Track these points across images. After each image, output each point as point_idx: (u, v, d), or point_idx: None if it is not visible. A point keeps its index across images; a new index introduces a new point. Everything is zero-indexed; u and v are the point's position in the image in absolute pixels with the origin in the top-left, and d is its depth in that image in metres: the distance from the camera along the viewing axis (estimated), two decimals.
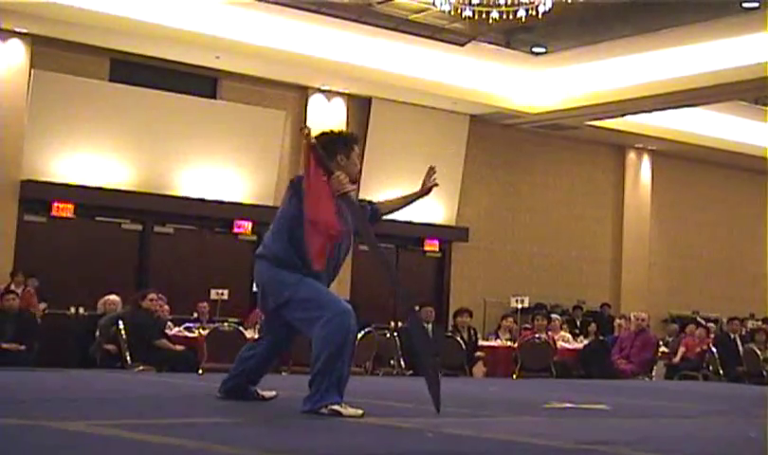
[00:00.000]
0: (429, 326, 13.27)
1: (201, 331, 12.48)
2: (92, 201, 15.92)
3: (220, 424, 5.20)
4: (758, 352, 15.23)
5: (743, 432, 5.99)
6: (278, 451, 3.93)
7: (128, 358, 11.27)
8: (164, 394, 7.47)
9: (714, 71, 16.57)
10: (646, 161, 22.14)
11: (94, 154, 16.03)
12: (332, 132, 6.22)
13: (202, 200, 16.81)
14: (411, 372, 12.38)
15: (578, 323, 18.39)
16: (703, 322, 18.10)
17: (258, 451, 3.91)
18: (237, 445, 4.11)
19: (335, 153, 5.93)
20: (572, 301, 20.09)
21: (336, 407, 5.56)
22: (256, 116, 17.28)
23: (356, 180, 6.03)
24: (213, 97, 17.33)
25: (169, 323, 13.13)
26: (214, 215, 17.14)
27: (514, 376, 13.15)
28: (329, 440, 4.61)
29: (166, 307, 12.68)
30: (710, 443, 5.32)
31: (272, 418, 5.61)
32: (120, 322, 11.51)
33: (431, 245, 19.10)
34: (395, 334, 13.28)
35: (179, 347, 11.90)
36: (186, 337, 12.42)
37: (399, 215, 7.28)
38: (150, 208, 16.48)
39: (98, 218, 16.29)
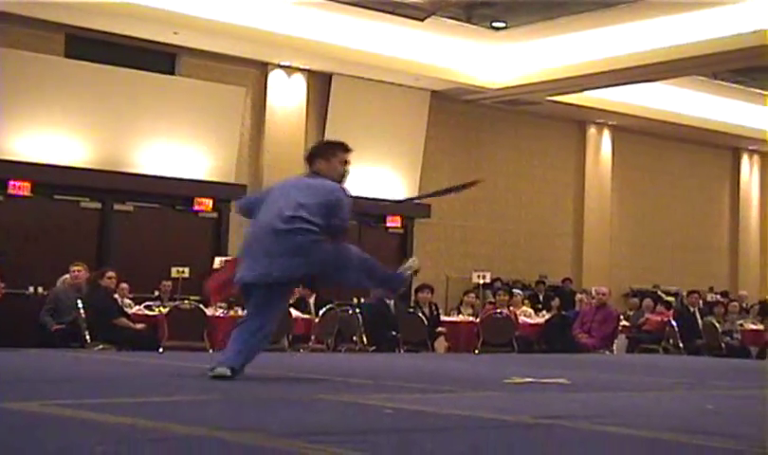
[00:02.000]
0: (392, 302, 13.27)
1: (161, 309, 12.39)
2: (49, 179, 15.73)
3: (176, 402, 5.15)
4: (717, 324, 15.37)
5: (701, 404, 6.02)
6: (233, 429, 3.89)
7: (87, 337, 11.16)
8: (122, 373, 7.40)
9: (671, 46, 16.62)
10: (606, 136, 22.22)
11: (51, 132, 15.83)
12: (316, 144, 7.23)
13: (162, 177, 16.66)
14: (373, 348, 12.38)
15: (541, 298, 18.47)
16: (663, 296, 18.23)
17: (213, 429, 3.87)
18: (192, 423, 4.07)
19: (314, 160, 6.76)
20: (534, 277, 20.17)
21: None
22: (216, 92, 17.13)
23: (340, 180, 6.67)
24: (172, 73, 17.16)
25: (129, 302, 13.05)
26: (175, 193, 17.00)
27: (476, 351, 13.18)
28: (286, 417, 4.57)
29: (124, 285, 12.58)
30: (667, 415, 5.34)
31: (230, 396, 5.57)
32: (79, 301, 11.40)
33: (394, 222, 19.07)
34: (358, 310, 13.25)
35: (139, 325, 11.82)
36: (146, 316, 12.33)
37: (361, 192, 7.40)
38: (109, 186, 16.30)
39: (56, 196, 16.11)
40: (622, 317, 15.59)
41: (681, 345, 14.86)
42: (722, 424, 4.88)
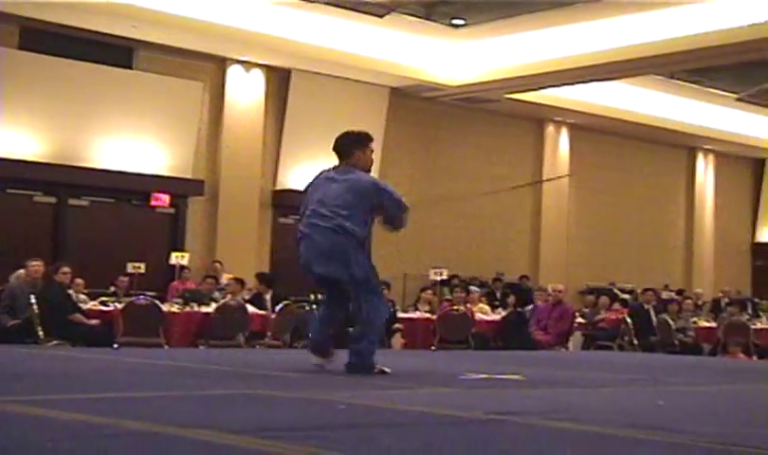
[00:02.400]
0: None
1: (117, 305, 12.30)
2: (2, 173, 15.60)
3: (130, 398, 5.13)
4: (671, 322, 15.52)
5: (652, 400, 6.08)
6: (187, 425, 3.88)
7: (41, 333, 11.05)
8: (76, 369, 7.35)
9: (629, 45, 16.76)
10: (564, 135, 22.36)
11: (4, 125, 15.68)
12: (350, 133, 7.49)
13: (118, 172, 16.55)
14: None
15: (498, 295, 18.53)
16: (618, 293, 18.37)
17: (167, 426, 3.86)
18: (146, 419, 4.05)
19: (353, 150, 7.29)
20: (491, 274, 20.25)
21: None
22: (173, 87, 17.05)
23: (369, 169, 7.35)
24: (129, 67, 17.04)
25: (84, 297, 12.94)
26: (131, 188, 16.90)
27: (432, 348, 13.21)
28: (241, 414, 4.57)
29: (78, 281, 12.47)
30: (620, 410, 5.39)
31: (185, 393, 5.55)
32: (32, 296, 11.28)
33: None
34: (314, 306, 13.22)
35: (94, 321, 11.72)
36: (101, 311, 12.23)
37: None
38: (64, 180, 16.18)
39: (8, 190, 15.96)
40: (578, 314, 15.70)
41: (635, 342, 14.99)
42: (671, 419, 4.93)
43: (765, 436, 4.40)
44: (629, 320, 15.26)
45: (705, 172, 25.20)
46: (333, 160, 7.31)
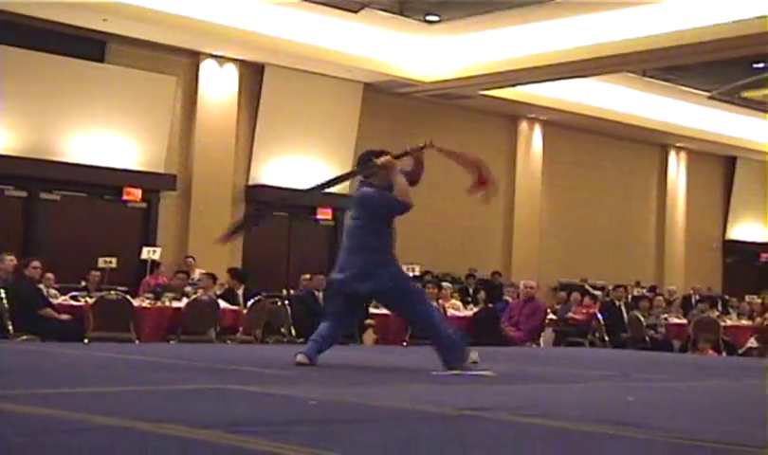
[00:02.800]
0: (321, 294, 13.26)
1: (87, 300, 12.23)
2: None
3: (98, 393, 5.11)
4: (642, 318, 15.62)
5: (623, 396, 6.12)
6: (153, 420, 3.87)
7: (10, 328, 10.98)
8: (46, 364, 7.31)
9: (603, 43, 16.82)
10: (537, 131, 22.43)
11: None
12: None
13: (90, 166, 16.45)
14: (301, 340, 12.35)
15: (471, 291, 18.57)
16: (590, 290, 18.44)
17: (132, 420, 3.84)
18: (112, 414, 4.04)
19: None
20: (464, 270, 20.28)
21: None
22: (146, 81, 16.95)
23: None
24: (101, 60, 16.92)
25: (54, 292, 12.85)
26: (103, 182, 16.80)
27: (404, 344, 13.22)
28: (208, 408, 4.56)
29: (49, 276, 12.39)
30: (590, 406, 5.42)
31: (154, 388, 5.54)
32: (2, 291, 11.21)
33: (325, 214, 19.02)
34: (286, 302, 13.22)
35: (64, 316, 11.65)
36: (72, 306, 12.16)
37: (289, 184, 7.67)
38: (35, 174, 16.06)
39: None
40: (550, 310, 15.76)
41: (606, 338, 15.07)
42: (639, 415, 4.97)
43: (732, 432, 4.44)
44: (600, 317, 15.34)
45: (677, 169, 25.34)
46: (305, 155, 7.28)
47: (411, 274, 15.42)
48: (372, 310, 13.57)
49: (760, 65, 19.66)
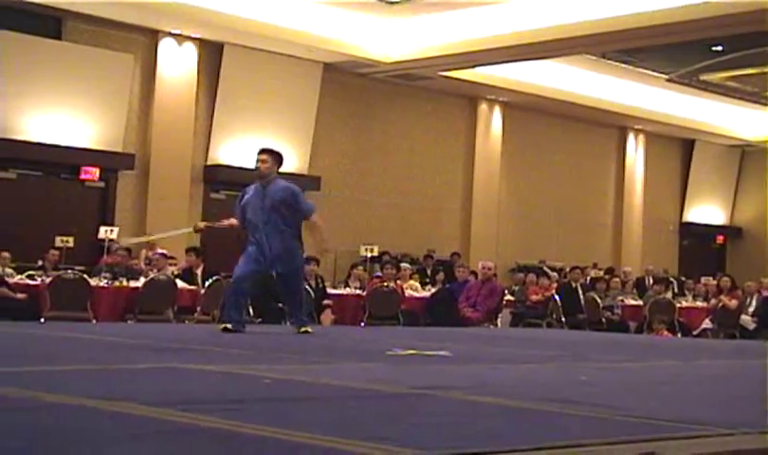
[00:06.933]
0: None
1: (44, 279, 12.15)
2: None
3: (50, 372, 5.09)
4: (598, 300, 15.75)
5: (575, 376, 6.19)
6: (104, 398, 3.86)
7: None
8: (0, 343, 7.26)
9: (562, 24, 16.85)
10: (497, 113, 22.48)
11: None
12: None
13: (47, 145, 16.29)
14: (259, 320, 12.35)
15: (429, 272, 18.62)
16: (548, 272, 18.55)
17: (84, 398, 3.84)
18: (64, 392, 4.03)
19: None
20: (422, 251, 20.34)
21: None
22: (103, 59, 16.80)
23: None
24: (59, 38, 16.74)
25: (10, 271, 12.76)
26: (60, 161, 16.65)
27: (362, 324, 13.26)
28: (160, 387, 4.56)
29: (5, 255, 12.30)
30: (542, 386, 5.47)
31: (108, 366, 5.52)
32: None
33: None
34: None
35: (20, 295, 11.58)
36: (28, 285, 12.08)
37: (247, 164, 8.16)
38: None
39: None
40: (507, 291, 15.84)
41: (563, 320, 15.19)
42: (590, 394, 5.02)
43: (679, 410, 4.50)
44: (557, 298, 15.46)
45: (636, 151, 25.52)
46: (264, 135, 7.29)
47: (369, 255, 15.48)
48: (330, 290, 13.62)
49: (719, 48, 19.80)
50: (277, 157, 9.34)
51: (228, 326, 8.75)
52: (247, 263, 9.07)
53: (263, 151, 9.35)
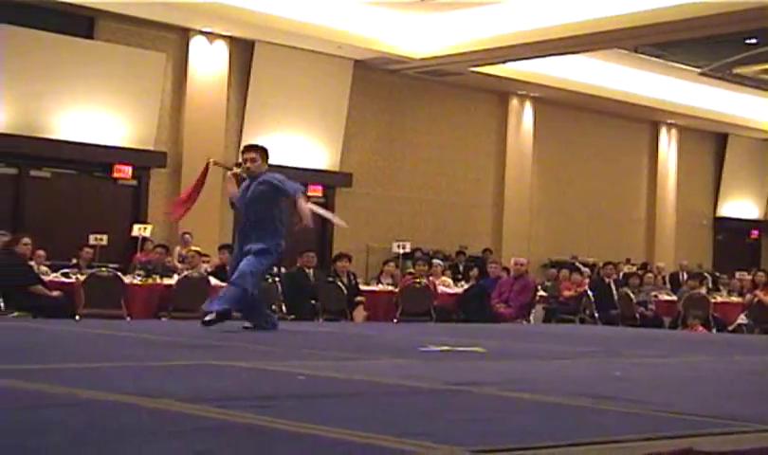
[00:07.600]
0: (311, 272, 13.29)
1: (78, 276, 12.24)
2: None
3: (86, 369, 5.12)
4: (632, 295, 15.66)
5: (610, 372, 6.15)
6: (140, 394, 3.88)
7: (2, 304, 10.99)
8: (36, 340, 7.34)
9: (594, 18, 16.79)
10: (528, 108, 22.42)
11: None
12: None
13: (80, 144, 16.43)
14: (292, 316, 12.38)
15: (461, 268, 18.61)
16: (580, 267, 18.46)
17: (120, 395, 3.86)
18: (100, 389, 4.05)
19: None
20: (454, 247, 20.32)
21: None
22: (135, 58, 16.92)
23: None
24: (91, 37, 16.88)
25: (45, 269, 12.86)
26: (93, 159, 16.79)
27: (394, 321, 13.26)
28: (199, 383, 4.58)
29: (40, 252, 12.39)
30: (576, 381, 5.44)
31: (145, 363, 5.55)
32: None
33: (315, 191, 19.02)
34: (277, 279, 13.23)
35: (56, 293, 11.66)
36: (63, 283, 12.17)
37: (282, 160, 7.97)
38: (25, 151, 16.05)
39: None
40: (540, 287, 15.79)
41: (596, 315, 15.11)
42: (625, 389, 4.99)
43: (716, 406, 4.47)
44: (590, 294, 15.38)
45: (668, 146, 25.36)
46: (295, 132, 7.32)
47: (401, 251, 15.48)
48: (363, 287, 13.63)
49: (753, 41, 19.64)
50: (263, 152, 9.15)
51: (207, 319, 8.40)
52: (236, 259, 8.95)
53: (249, 148, 9.20)
